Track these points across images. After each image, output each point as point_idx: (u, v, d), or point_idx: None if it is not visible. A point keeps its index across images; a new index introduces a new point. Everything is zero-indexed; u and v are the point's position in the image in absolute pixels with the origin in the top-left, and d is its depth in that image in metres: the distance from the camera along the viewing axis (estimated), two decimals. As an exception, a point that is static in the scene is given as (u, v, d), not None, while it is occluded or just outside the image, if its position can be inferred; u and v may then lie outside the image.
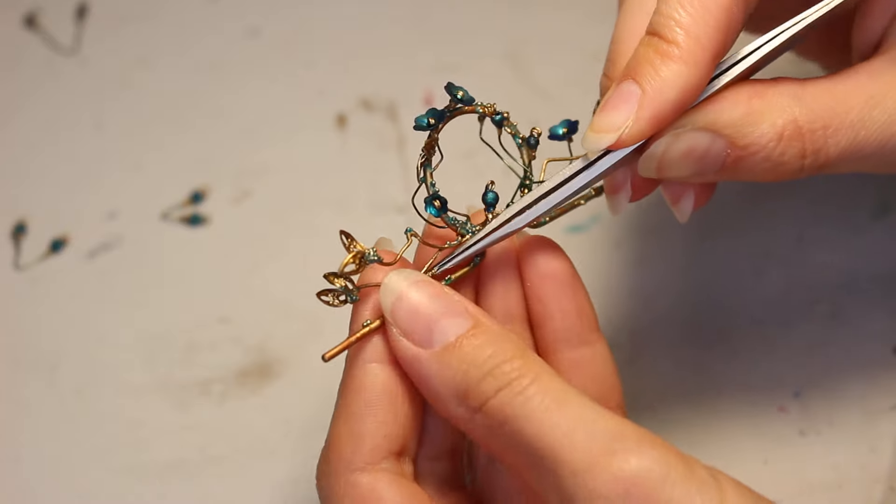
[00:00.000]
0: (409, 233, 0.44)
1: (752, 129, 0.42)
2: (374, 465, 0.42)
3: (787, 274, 0.61)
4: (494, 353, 0.40)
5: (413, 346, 0.41)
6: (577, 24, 0.73)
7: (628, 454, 0.36)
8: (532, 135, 0.46)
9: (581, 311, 0.46)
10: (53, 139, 0.71)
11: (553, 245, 0.47)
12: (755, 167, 0.43)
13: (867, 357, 0.58)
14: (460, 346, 0.40)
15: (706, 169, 0.43)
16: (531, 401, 0.38)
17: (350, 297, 0.43)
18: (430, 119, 0.44)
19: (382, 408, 0.43)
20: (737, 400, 0.58)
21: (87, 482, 0.58)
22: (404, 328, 0.42)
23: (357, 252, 0.43)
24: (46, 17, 0.76)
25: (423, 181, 0.44)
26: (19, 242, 0.67)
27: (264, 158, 0.69)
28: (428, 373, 0.41)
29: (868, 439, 0.56)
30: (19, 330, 0.63)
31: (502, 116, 0.45)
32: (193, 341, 0.62)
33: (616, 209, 0.46)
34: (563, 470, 0.37)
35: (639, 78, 0.42)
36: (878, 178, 0.63)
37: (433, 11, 0.74)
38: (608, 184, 0.46)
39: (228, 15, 0.76)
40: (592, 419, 0.38)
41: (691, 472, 0.37)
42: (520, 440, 0.38)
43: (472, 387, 0.40)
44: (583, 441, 0.37)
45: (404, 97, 0.70)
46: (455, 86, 0.44)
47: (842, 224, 0.62)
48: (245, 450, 0.58)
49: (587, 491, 0.36)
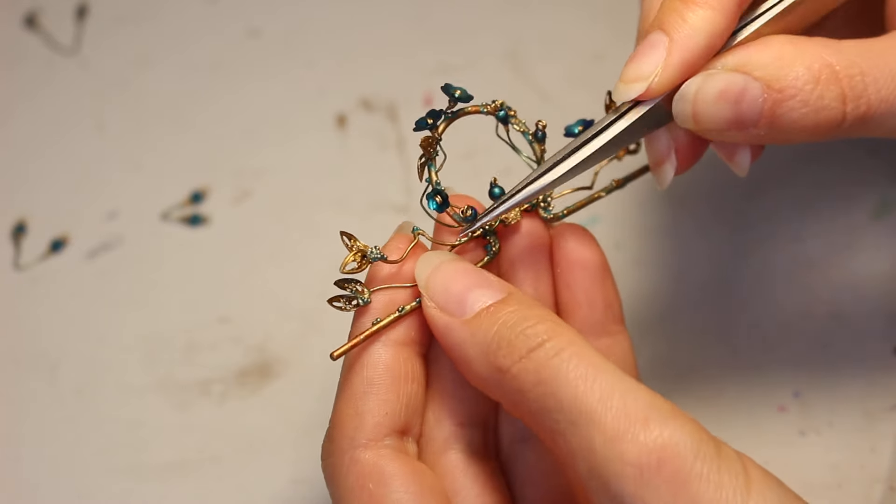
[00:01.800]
0: (417, 232, 0.45)
1: (787, 71, 0.42)
2: (377, 441, 0.42)
3: (788, 274, 0.61)
4: (528, 315, 0.40)
5: (446, 315, 0.41)
6: (577, 24, 0.73)
7: (662, 425, 0.36)
8: (538, 129, 0.46)
9: (608, 301, 0.47)
10: (53, 139, 0.71)
11: (586, 233, 0.47)
12: (794, 114, 0.42)
13: (867, 357, 0.58)
14: (492, 311, 0.41)
15: (745, 116, 0.42)
16: (566, 363, 0.38)
17: (361, 300, 0.43)
18: (428, 119, 0.44)
19: (384, 386, 0.43)
20: (737, 400, 0.58)
21: (87, 482, 0.58)
22: (438, 300, 0.42)
23: (358, 250, 0.43)
24: (46, 17, 0.76)
25: (428, 181, 0.44)
26: (19, 242, 0.67)
27: (264, 158, 0.69)
28: (460, 338, 0.41)
29: (868, 439, 0.56)
30: (19, 330, 0.63)
31: (507, 113, 0.45)
32: (193, 341, 0.62)
33: (663, 182, 0.46)
34: (595, 435, 0.37)
35: (665, 26, 0.42)
36: (878, 177, 0.63)
37: (433, 11, 0.74)
38: (652, 156, 0.46)
39: (228, 15, 0.76)
40: (628, 388, 0.38)
41: (719, 452, 0.37)
42: (552, 403, 0.38)
43: (502, 347, 0.39)
44: (618, 408, 0.37)
45: (404, 97, 0.70)
46: (452, 86, 0.44)
47: (842, 224, 0.62)
48: (245, 450, 0.59)
49: (619, 457, 0.36)
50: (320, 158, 0.69)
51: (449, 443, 0.45)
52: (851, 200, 0.63)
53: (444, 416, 0.45)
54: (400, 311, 0.44)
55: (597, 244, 0.47)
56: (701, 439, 0.37)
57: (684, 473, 0.36)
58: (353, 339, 0.43)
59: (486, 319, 0.40)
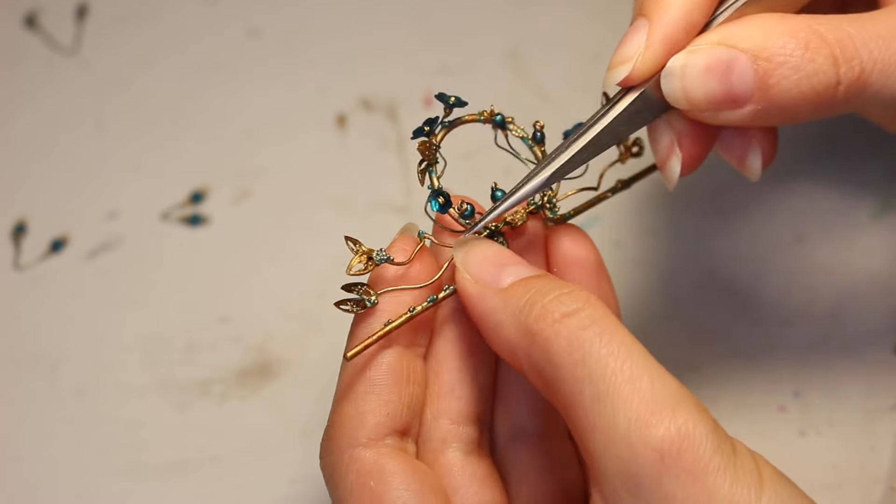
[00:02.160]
0: (423, 235, 0.44)
1: (775, 40, 0.42)
2: (378, 440, 0.42)
3: (787, 274, 0.61)
4: (563, 284, 0.40)
5: (480, 286, 0.42)
6: (577, 24, 0.73)
7: (688, 414, 0.37)
8: (536, 130, 0.46)
9: (605, 300, 0.47)
10: (53, 139, 0.71)
11: (581, 233, 0.47)
12: (787, 82, 0.42)
13: (867, 357, 0.58)
14: (527, 282, 0.41)
15: (736, 90, 0.42)
16: (599, 337, 0.38)
17: (369, 301, 0.43)
18: (425, 127, 0.44)
19: (387, 387, 0.43)
20: (737, 400, 0.58)
21: (87, 482, 0.58)
22: (474, 272, 0.42)
23: (364, 252, 0.43)
24: (46, 17, 0.76)
25: (430, 187, 0.44)
26: (19, 242, 0.67)
27: (264, 158, 0.69)
28: (492, 304, 0.41)
29: (868, 439, 0.56)
30: (19, 330, 0.63)
31: (503, 118, 0.45)
32: (193, 341, 0.62)
33: (671, 180, 0.46)
34: (620, 415, 0.37)
35: (645, 10, 0.43)
36: (878, 177, 0.63)
37: (433, 11, 0.74)
38: (658, 156, 0.46)
39: (228, 15, 0.76)
40: (657, 373, 0.38)
41: (735, 449, 0.37)
42: (580, 374, 0.38)
43: (535, 309, 0.39)
44: (646, 391, 0.37)
45: (404, 97, 0.70)
46: (446, 94, 0.44)
47: (842, 224, 0.62)
48: (245, 450, 0.59)
49: (642, 440, 0.36)
50: (320, 158, 0.69)
51: (446, 441, 0.45)
52: (851, 200, 0.63)
53: (441, 415, 0.45)
54: (411, 311, 0.43)
55: (592, 243, 0.47)
56: (720, 436, 0.37)
57: (703, 464, 0.36)
58: (366, 340, 0.43)
59: (521, 287, 0.41)
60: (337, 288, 0.43)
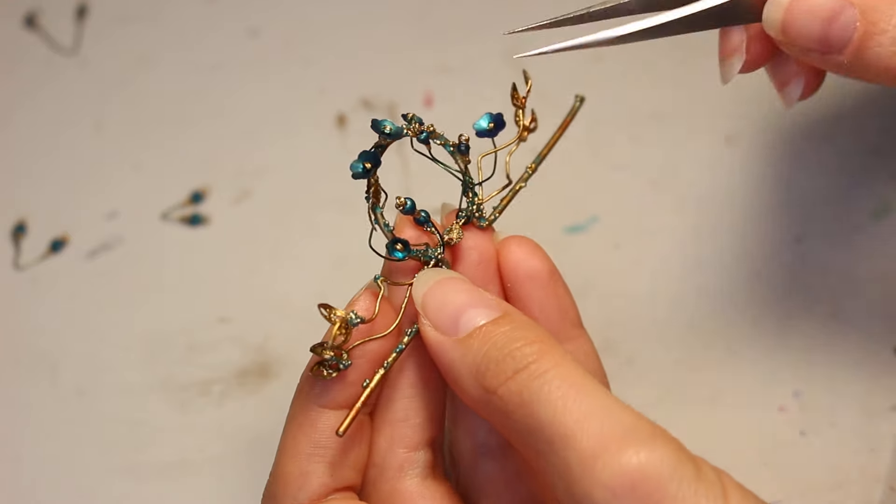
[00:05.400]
0: (379, 280, 0.44)
1: (886, 7, 0.42)
2: (321, 499, 0.43)
3: (787, 274, 0.61)
4: (517, 337, 0.40)
5: (440, 334, 0.42)
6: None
7: (639, 447, 0.36)
8: (461, 142, 0.45)
9: (562, 308, 0.47)
10: (53, 139, 0.71)
11: (530, 243, 0.47)
12: (882, 50, 0.42)
13: (867, 357, 0.58)
14: (484, 331, 0.41)
15: (833, 39, 0.42)
16: (548, 384, 0.38)
17: (343, 364, 0.43)
18: (364, 164, 0.44)
19: (332, 450, 0.43)
20: (737, 400, 0.58)
21: (87, 482, 0.58)
22: (433, 318, 0.42)
23: (340, 321, 0.43)
24: (46, 17, 0.76)
25: (376, 223, 0.44)
26: (19, 242, 0.67)
27: (264, 158, 0.69)
28: (451, 357, 0.41)
29: (868, 439, 0.56)
30: (19, 330, 0.63)
31: (427, 133, 0.45)
32: (193, 341, 0.62)
33: (726, 75, 0.46)
34: (571, 457, 0.37)
35: None
36: (878, 177, 0.63)
37: (433, 11, 0.74)
38: (724, 48, 0.46)
39: (228, 15, 0.76)
40: (608, 410, 0.37)
41: (698, 472, 0.37)
42: (533, 424, 0.38)
43: (490, 368, 0.40)
44: (595, 430, 0.37)
45: (404, 97, 0.70)
46: (380, 121, 0.44)
47: (842, 224, 0.62)
48: (245, 450, 0.59)
49: (593, 480, 0.36)
50: (320, 158, 0.69)
51: (403, 468, 0.45)
52: (851, 200, 0.63)
53: (395, 443, 0.45)
54: (385, 366, 0.44)
55: (543, 252, 0.47)
56: (679, 460, 0.36)
57: (659, 495, 0.36)
58: (353, 410, 0.42)
59: (478, 339, 0.41)
60: (337, 288, 0.44)
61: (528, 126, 0.49)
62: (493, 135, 0.46)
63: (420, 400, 0.45)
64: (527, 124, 0.49)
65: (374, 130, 0.44)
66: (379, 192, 0.45)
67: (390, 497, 0.44)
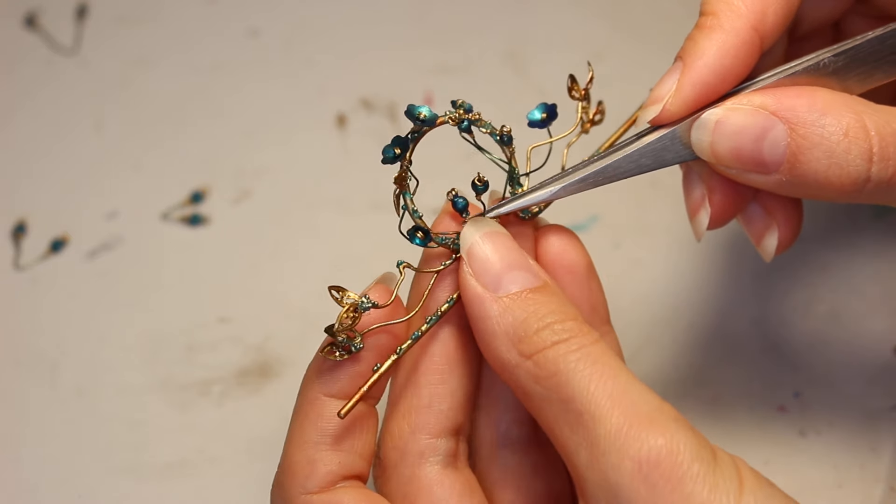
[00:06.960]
0: (402, 265, 0.44)
1: (817, 118, 0.42)
2: (330, 486, 0.43)
3: (788, 274, 0.61)
4: (557, 310, 0.41)
5: (480, 286, 0.42)
6: (577, 24, 0.73)
7: (665, 427, 0.38)
8: (504, 133, 0.44)
9: (594, 303, 0.47)
10: (53, 139, 0.71)
11: (571, 235, 0.47)
12: (817, 164, 0.42)
13: (867, 357, 0.58)
14: (525, 297, 0.41)
15: (765, 157, 0.42)
16: (584, 360, 0.39)
17: (354, 346, 0.43)
18: (395, 149, 0.43)
19: (339, 438, 0.44)
20: (737, 400, 0.58)
21: (87, 482, 0.58)
22: (476, 269, 0.42)
23: (350, 304, 0.43)
24: (46, 17, 0.76)
25: (405, 209, 0.44)
26: (19, 242, 0.67)
27: (264, 158, 0.69)
28: (488, 313, 0.41)
29: (868, 439, 0.56)
30: (19, 330, 0.63)
31: (468, 121, 0.44)
32: (193, 341, 0.62)
33: (698, 231, 0.47)
34: (600, 430, 0.38)
35: (681, 53, 0.44)
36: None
37: (433, 11, 0.74)
38: (688, 206, 0.47)
39: (228, 15, 0.76)
40: (638, 392, 0.39)
41: (715, 458, 0.38)
42: (564, 394, 0.39)
43: (529, 334, 0.40)
44: (626, 406, 0.38)
45: (404, 97, 0.70)
46: (415, 107, 0.43)
47: (842, 224, 0.62)
48: (245, 450, 0.59)
49: (620, 453, 0.37)
50: (320, 158, 0.69)
51: (424, 455, 0.45)
52: (851, 200, 0.63)
53: (419, 429, 0.45)
54: (398, 352, 0.44)
55: (582, 246, 0.47)
56: (700, 444, 0.38)
57: (680, 473, 0.37)
58: (358, 393, 0.43)
59: (519, 303, 0.41)
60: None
61: (592, 118, 0.48)
62: (546, 125, 0.45)
63: (446, 387, 0.45)
64: (591, 116, 0.48)
65: (408, 117, 0.43)
66: (408, 179, 0.44)
67: (409, 482, 0.45)
